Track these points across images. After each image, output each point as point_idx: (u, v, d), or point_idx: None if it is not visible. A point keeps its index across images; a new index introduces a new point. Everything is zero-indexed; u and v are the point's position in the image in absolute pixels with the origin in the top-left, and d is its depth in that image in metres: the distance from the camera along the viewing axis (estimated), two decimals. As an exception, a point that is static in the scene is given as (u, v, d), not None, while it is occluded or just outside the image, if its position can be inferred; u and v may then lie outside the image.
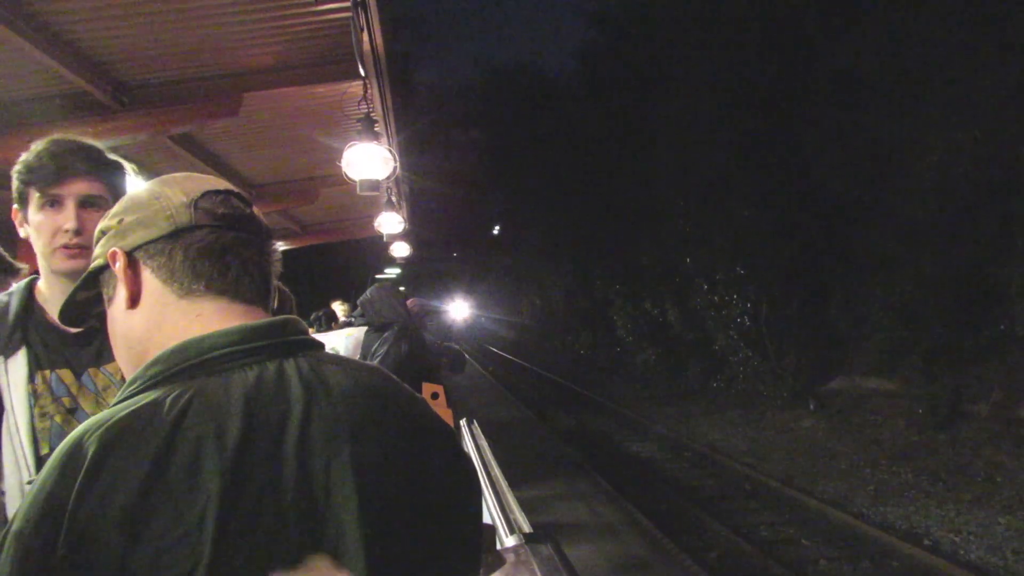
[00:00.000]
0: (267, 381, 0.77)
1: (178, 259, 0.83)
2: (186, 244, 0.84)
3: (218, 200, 0.88)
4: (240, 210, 0.90)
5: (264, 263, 0.90)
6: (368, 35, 3.81)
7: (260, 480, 0.70)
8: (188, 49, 4.15)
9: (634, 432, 13.65)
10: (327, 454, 0.75)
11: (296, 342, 0.84)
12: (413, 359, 4.20)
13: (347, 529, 0.73)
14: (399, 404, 0.86)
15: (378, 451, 0.78)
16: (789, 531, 7.57)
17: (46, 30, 3.53)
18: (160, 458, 0.67)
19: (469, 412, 7.47)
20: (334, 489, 0.74)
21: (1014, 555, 6.46)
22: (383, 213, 7.98)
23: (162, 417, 0.70)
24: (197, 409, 0.71)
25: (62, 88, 4.22)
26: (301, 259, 16.49)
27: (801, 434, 11.89)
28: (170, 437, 0.68)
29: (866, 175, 12.69)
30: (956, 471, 8.85)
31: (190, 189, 0.88)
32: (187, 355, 0.77)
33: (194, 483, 0.67)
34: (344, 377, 0.82)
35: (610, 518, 7.39)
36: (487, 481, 3.50)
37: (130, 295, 0.85)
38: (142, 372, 0.78)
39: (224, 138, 5.98)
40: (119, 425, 0.69)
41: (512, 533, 2.29)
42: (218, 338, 0.79)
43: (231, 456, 0.69)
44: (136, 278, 0.85)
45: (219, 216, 0.86)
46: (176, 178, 0.91)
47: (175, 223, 0.84)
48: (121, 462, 0.67)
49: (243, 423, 0.71)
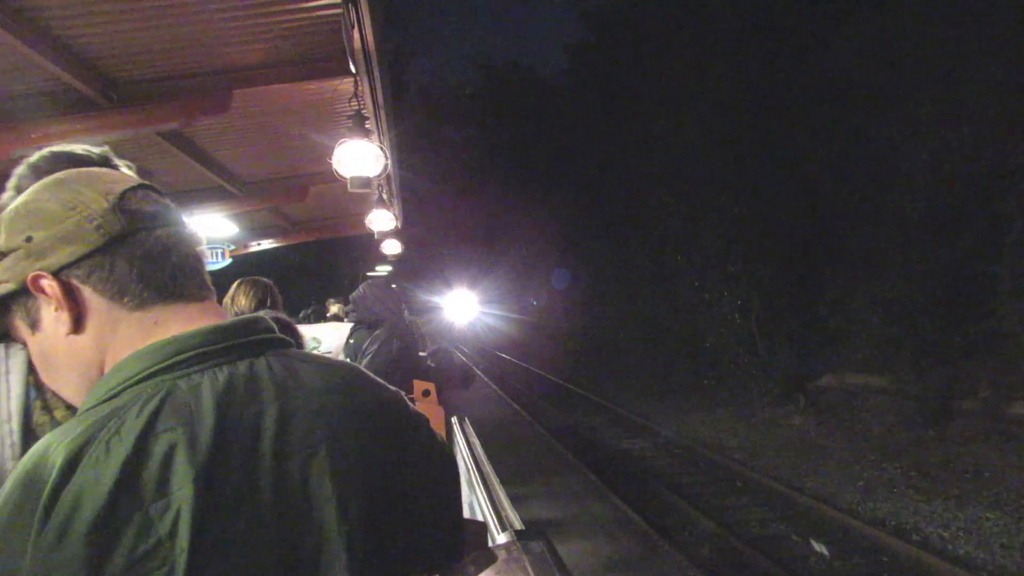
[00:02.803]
0: (238, 382, 0.74)
1: (122, 271, 0.77)
2: (127, 254, 0.78)
3: (140, 197, 0.81)
4: (163, 203, 0.84)
5: (198, 255, 0.86)
6: (359, 32, 3.79)
7: (236, 485, 0.68)
8: (178, 45, 4.13)
9: (625, 429, 13.69)
10: (304, 454, 0.73)
11: (265, 340, 0.81)
12: (404, 357, 4.20)
13: (327, 529, 0.72)
14: (373, 398, 0.84)
15: (355, 447, 0.77)
16: (779, 527, 7.61)
17: (33, 26, 3.50)
18: (128, 467, 0.64)
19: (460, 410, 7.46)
20: (312, 489, 0.72)
21: (1002, 550, 6.51)
22: (374, 211, 7.96)
23: (130, 424, 0.67)
24: (166, 414, 0.69)
25: (50, 85, 4.19)
26: (293, 256, 16.45)
27: (791, 430, 11.95)
28: (139, 444, 0.66)
29: (856, 173, 12.75)
30: (945, 467, 8.91)
31: (104, 189, 0.80)
32: (154, 360, 0.74)
33: (165, 491, 0.64)
34: (317, 374, 0.80)
35: (601, 515, 7.40)
36: (479, 478, 3.49)
37: (73, 319, 0.77)
38: (106, 380, 0.75)
39: (214, 135, 5.94)
40: (85, 435, 0.66)
41: (504, 530, 2.29)
42: (185, 340, 0.76)
43: (204, 462, 0.67)
44: (76, 300, 0.77)
45: (148, 215, 0.81)
46: (77, 179, 0.81)
47: (107, 233, 0.77)
48: (88, 473, 0.64)
49: (216, 427, 0.69)
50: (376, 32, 3.84)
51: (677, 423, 13.53)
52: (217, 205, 7.55)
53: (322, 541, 0.71)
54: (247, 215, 8.82)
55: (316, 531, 0.71)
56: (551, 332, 29.09)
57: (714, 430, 12.71)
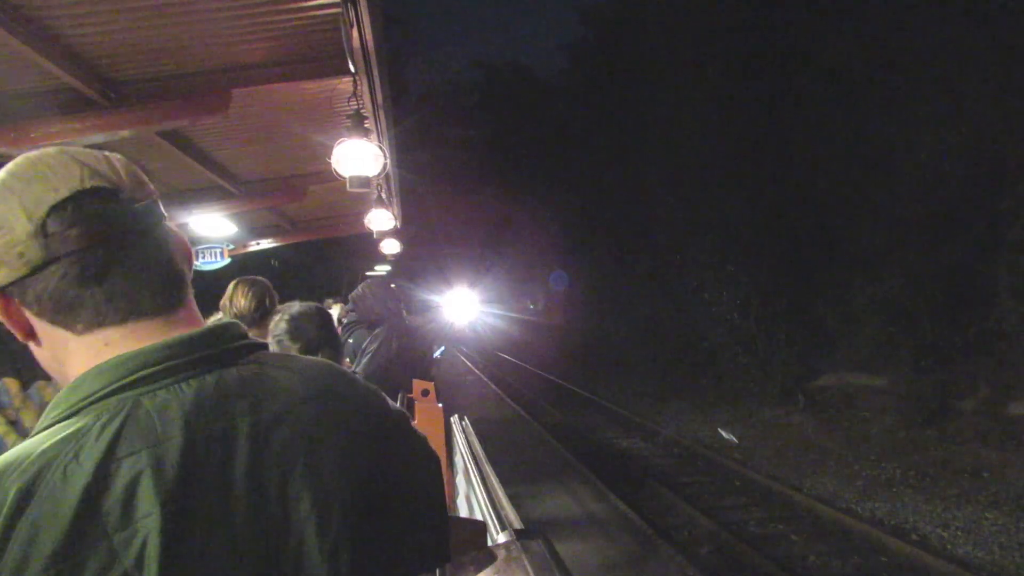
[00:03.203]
0: (207, 397, 0.69)
1: (50, 300, 0.71)
2: (52, 284, 0.70)
3: (70, 215, 0.70)
4: (103, 209, 0.72)
5: (162, 262, 0.76)
6: (358, 31, 3.79)
7: (207, 510, 0.64)
8: (177, 45, 4.12)
9: (624, 428, 13.69)
10: (281, 468, 0.69)
11: (235, 349, 0.76)
12: (404, 356, 4.20)
13: (307, 547, 0.69)
14: (352, 400, 0.80)
15: (334, 456, 0.73)
16: (778, 527, 7.61)
17: (32, 25, 3.50)
18: (88, 495, 0.60)
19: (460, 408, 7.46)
20: (290, 507, 0.69)
21: (1001, 549, 6.52)
22: (373, 210, 7.96)
23: (89, 448, 0.63)
24: (129, 435, 0.64)
25: (49, 84, 4.19)
26: (293, 256, 16.44)
27: (790, 430, 11.96)
28: (99, 471, 0.62)
29: (855, 172, 12.76)
30: (944, 467, 8.92)
31: (30, 206, 0.70)
32: (115, 375, 0.69)
33: (129, 519, 0.61)
34: (292, 379, 0.76)
35: (600, 514, 7.41)
36: (478, 477, 3.49)
37: (23, 333, 0.74)
38: (64, 396, 0.70)
39: (213, 134, 5.94)
40: (41, 459, 0.62)
41: (503, 529, 2.29)
42: (149, 354, 0.70)
43: (171, 487, 0.63)
44: (19, 316, 0.73)
45: (78, 236, 0.70)
46: (10, 186, 0.72)
47: (28, 263, 0.69)
48: (45, 502, 0.60)
49: (183, 447, 0.65)
50: (375, 31, 3.84)
51: (676, 423, 13.54)
52: (216, 205, 7.54)
53: (302, 559, 0.68)
54: (246, 214, 8.82)
55: (295, 551, 0.68)
56: (551, 332, 29.07)
57: (713, 430, 12.71)
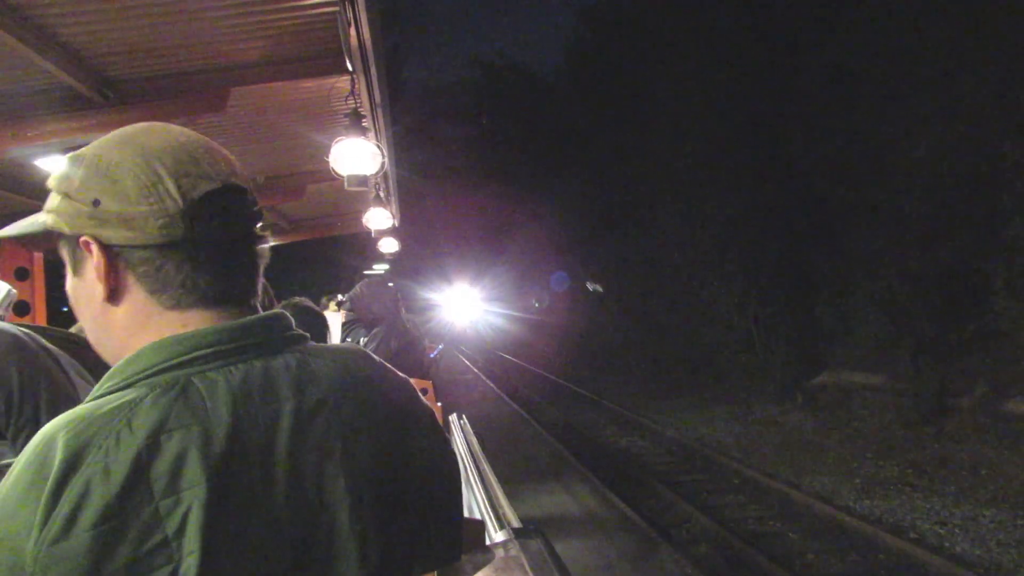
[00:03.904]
0: (254, 381, 0.73)
1: (169, 272, 0.75)
2: (181, 257, 0.75)
3: (219, 204, 0.77)
4: (239, 207, 0.81)
5: (255, 256, 0.83)
6: (356, 30, 3.78)
7: (250, 486, 0.67)
8: (174, 43, 4.11)
9: (623, 427, 13.70)
10: (319, 453, 0.73)
11: (284, 338, 0.80)
12: (402, 355, 4.20)
13: (340, 528, 0.72)
14: (387, 391, 0.84)
15: (368, 444, 0.77)
16: (776, 525, 7.63)
17: (29, 23, 3.49)
18: (141, 460, 0.63)
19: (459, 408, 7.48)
20: (326, 488, 0.72)
21: (999, 547, 6.53)
22: (371, 209, 7.95)
23: (142, 417, 0.66)
24: (180, 410, 0.67)
25: (46, 83, 4.18)
26: (291, 255, 16.44)
27: (788, 428, 11.97)
28: (151, 439, 0.64)
29: (853, 170, 12.76)
30: (942, 464, 8.93)
31: (188, 185, 0.75)
32: (171, 353, 0.72)
33: (176, 488, 0.63)
34: (333, 368, 0.79)
35: (598, 512, 7.42)
36: (476, 476, 3.50)
37: (109, 292, 0.76)
38: (121, 368, 0.73)
39: (210, 133, 5.90)
40: (95, 425, 0.65)
41: (501, 528, 2.30)
42: (203, 337, 0.74)
43: (218, 461, 0.66)
44: (117, 277, 0.76)
45: (219, 228, 0.77)
46: (165, 155, 0.77)
47: (170, 235, 0.74)
48: (97, 463, 0.62)
49: (230, 426, 0.68)
50: (373, 30, 3.83)
51: (675, 421, 13.55)
52: (214, 203, 7.53)
53: (334, 540, 0.72)
54: (244, 213, 8.80)
55: (328, 530, 0.72)
56: (552, 331, 29.06)
57: (711, 428, 12.73)
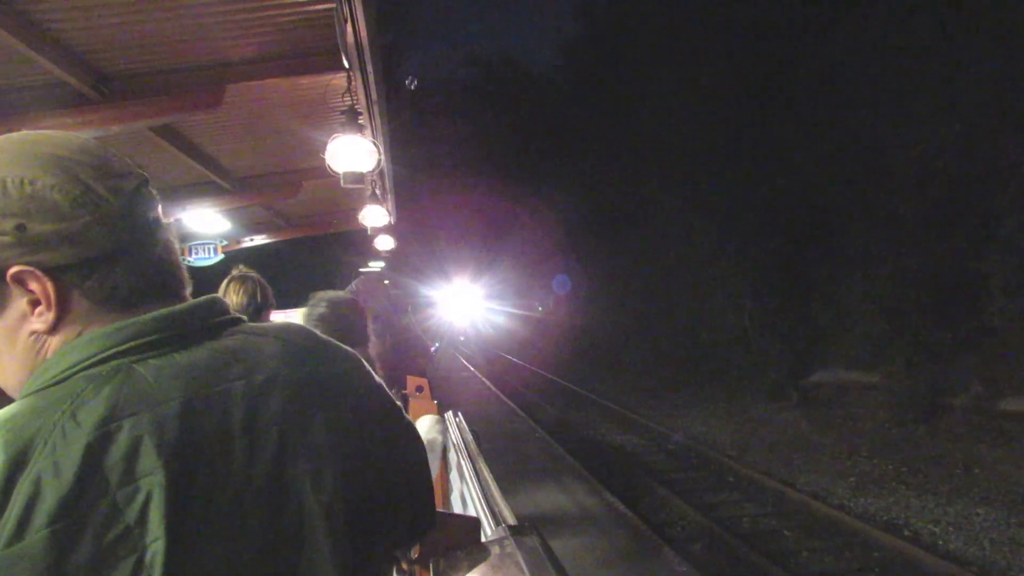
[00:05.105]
0: (200, 363, 0.71)
1: (119, 277, 0.72)
2: (130, 260, 0.73)
3: (144, 197, 0.76)
4: (152, 197, 0.78)
5: (175, 243, 0.80)
6: (352, 26, 3.77)
7: (210, 468, 0.65)
8: (170, 40, 4.10)
9: (619, 425, 13.71)
10: (275, 430, 0.72)
11: (222, 322, 0.79)
12: (397, 352, 4.20)
13: (306, 504, 0.71)
14: (335, 365, 0.83)
15: (323, 417, 0.76)
16: (771, 522, 7.64)
17: (24, 18, 3.47)
18: (92, 452, 0.60)
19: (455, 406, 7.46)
20: (287, 465, 0.71)
21: (991, 545, 6.56)
22: (367, 206, 7.93)
23: (88, 408, 0.63)
24: (127, 397, 0.64)
25: (41, 78, 4.16)
26: (287, 252, 16.41)
27: (783, 426, 12.00)
28: (101, 429, 0.62)
29: (848, 169, 12.79)
30: (936, 463, 8.96)
31: (113, 186, 0.72)
32: (108, 342, 0.69)
33: (131, 477, 0.61)
34: (277, 345, 0.79)
35: (594, 510, 7.42)
36: (472, 473, 3.49)
37: (56, 320, 0.71)
38: (51, 363, 0.70)
39: (206, 130, 5.92)
40: (37, 420, 0.62)
41: (497, 525, 2.30)
42: (142, 325, 0.71)
43: (174, 446, 0.63)
44: (66, 302, 0.71)
45: (154, 218, 0.76)
46: (79, 164, 0.72)
47: (115, 239, 0.71)
48: (45, 460, 0.59)
49: (182, 408, 0.66)
50: (369, 27, 3.82)
51: (670, 419, 13.57)
52: (209, 201, 7.52)
53: (302, 517, 0.71)
54: (240, 211, 8.79)
55: (295, 508, 0.70)
56: (552, 331, 29.05)
57: (706, 425, 12.75)
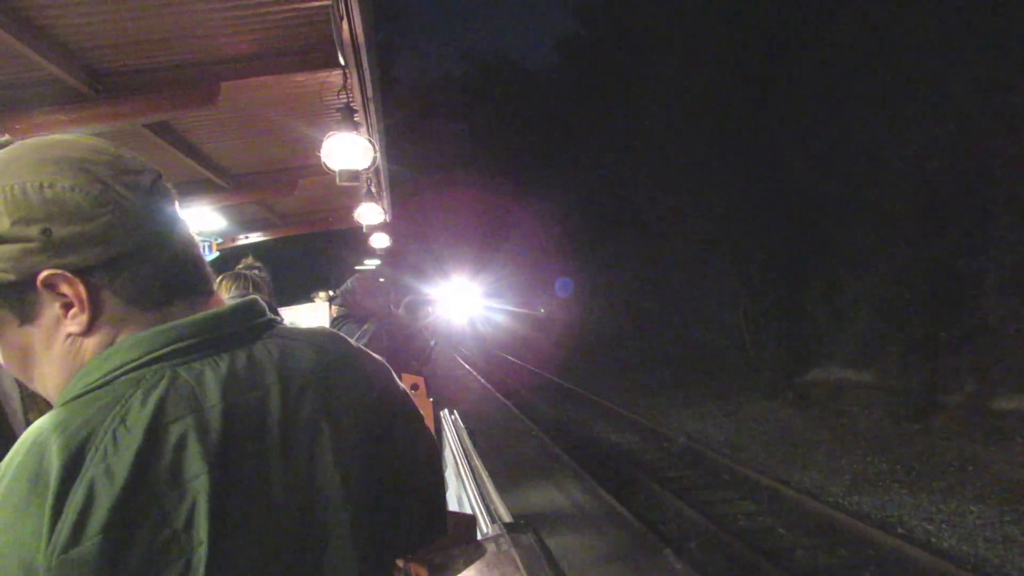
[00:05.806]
0: (239, 368, 0.73)
1: (147, 274, 0.73)
2: (155, 256, 0.73)
3: (161, 192, 0.77)
4: (168, 189, 0.78)
5: (194, 237, 0.82)
6: (348, 23, 3.76)
7: (248, 471, 0.68)
8: (165, 36, 4.09)
9: (614, 423, 13.73)
10: (308, 433, 0.74)
11: (261, 324, 0.81)
12: (393, 350, 4.20)
13: (333, 505, 0.73)
14: (367, 371, 0.86)
15: (353, 422, 0.79)
16: (766, 520, 7.66)
17: (17, 15, 3.46)
18: (142, 458, 0.62)
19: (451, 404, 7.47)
20: (317, 467, 0.74)
21: (986, 543, 6.58)
22: (363, 204, 7.92)
23: (136, 413, 0.64)
24: (173, 402, 0.66)
25: (34, 75, 4.14)
26: (284, 250, 16.39)
27: (778, 425, 12.01)
28: (150, 435, 0.63)
29: (843, 168, 12.81)
30: (930, 461, 8.99)
31: (131, 182, 0.73)
32: (152, 345, 0.70)
33: (179, 481, 0.63)
34: (310, 351, 0.80)
35: (589, 508, 7.43)
36: (468, 471, 3.50)
37: (90, 322, 0.71)
38: (98, 364, 0.70)
39: (201, 127, 5.90)
40: (87, 426, 0.63)
41: (493, 523, 2.30)
42: (184, 328, 0.73)
43: (216, 450, 0.65)
44: (97, 302, 0.71)
45: (173, 213, 0.77)
46: (96, 162, 0.72)
47: (142, 236, 0.72)
48: (98, 466, 0.61)
49: (224, 413, 0.68)
50: (365, 24, 3.82)
51: (666, 417, 13.58)
52: (205, 198, 7.49)
53: (328, 518, 0.73)
54: (235, 208, 8.76)
55: (323, 509, 0.73)
56: (552, 331, 29.02)
57: (702, 424, 12.76)
